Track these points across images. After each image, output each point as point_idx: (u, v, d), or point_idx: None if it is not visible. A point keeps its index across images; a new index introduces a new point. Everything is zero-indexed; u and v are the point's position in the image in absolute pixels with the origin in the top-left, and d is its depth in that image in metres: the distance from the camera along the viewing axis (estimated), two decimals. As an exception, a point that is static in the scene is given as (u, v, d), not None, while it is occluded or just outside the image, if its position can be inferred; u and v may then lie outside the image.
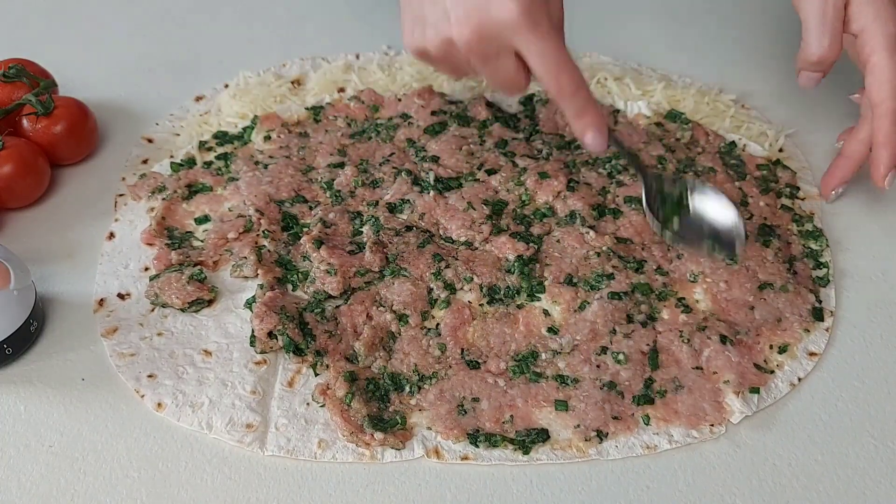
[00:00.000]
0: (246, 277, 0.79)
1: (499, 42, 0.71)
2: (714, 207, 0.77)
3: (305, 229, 0.82)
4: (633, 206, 0.83)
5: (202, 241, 0.83)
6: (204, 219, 0.84)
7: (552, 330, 0.75)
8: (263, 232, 0.81)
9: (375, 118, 0.94)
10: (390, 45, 1.05)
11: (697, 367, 0.73)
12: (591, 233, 0.80)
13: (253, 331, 0.73)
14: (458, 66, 0.75)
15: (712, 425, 0.70)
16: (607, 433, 0.69)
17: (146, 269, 0.81)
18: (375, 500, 0.66)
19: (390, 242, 0.80)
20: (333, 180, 0.86)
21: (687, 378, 0.73)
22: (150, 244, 0.82)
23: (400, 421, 0.70)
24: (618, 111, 0.95)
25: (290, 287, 0.78)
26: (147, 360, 0.74)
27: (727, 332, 0.74)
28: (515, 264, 0.78)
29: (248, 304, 0.77)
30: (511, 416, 0.70)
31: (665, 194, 0.79)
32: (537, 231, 0.82)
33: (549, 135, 0.92)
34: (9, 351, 0.72)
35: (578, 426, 0.70)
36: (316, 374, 0.73)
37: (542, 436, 0.69)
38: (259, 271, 0.78)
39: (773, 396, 0.72)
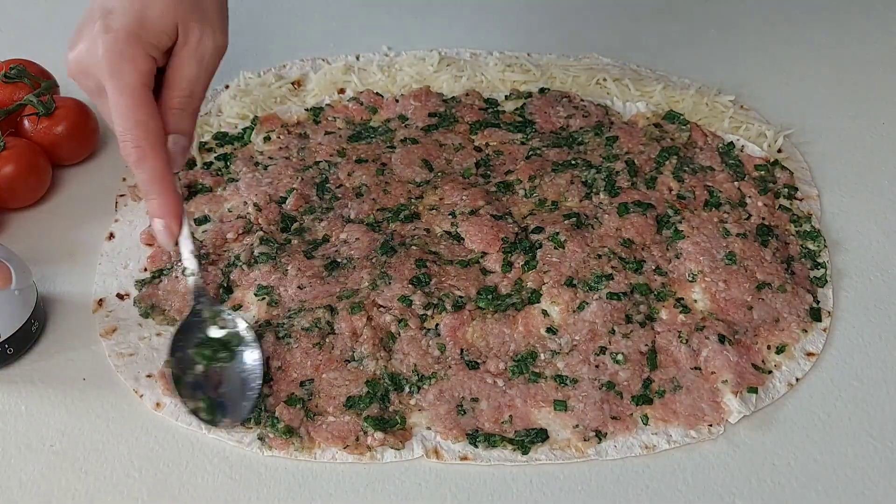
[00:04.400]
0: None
1: (96, 81, 0.64)
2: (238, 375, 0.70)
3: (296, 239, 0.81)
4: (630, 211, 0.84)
5: (201, 242, 0.83)
6: (203, 219, 0.85)
7: (551, 330, 0.75)
8: (259, 237, 0.81)
9: (373, 119, 0.95)
10: (390, 45, 1.05)
11: (696, 368, 0.73)
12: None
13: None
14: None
15: (711, 425, 0.70)
16: (606, 433, 0.70)
17: (145, 269, 0.81)
18: (375, 500, 0.66)
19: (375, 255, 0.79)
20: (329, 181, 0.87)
21: (685, 378, 0.73)
22: (150, 244, 0.83)
23: (399, 421, 0.70)
24: (608, 110, 0.95)
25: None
26: (146, 359, 0.74)
27: (725, 331, 0.75)
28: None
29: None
30: (510, 416, 0.70)
31: (207, 335, 0.71)
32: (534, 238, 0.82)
33: (546, 133, 0.92)
34: (10, 351, 0.72)
35: (577, 426, 0.70)
36: None
37: (541, 436, 0.69)
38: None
39: (772, 397, 0.73)
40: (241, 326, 0.71)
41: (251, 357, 0.70)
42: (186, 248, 0.70)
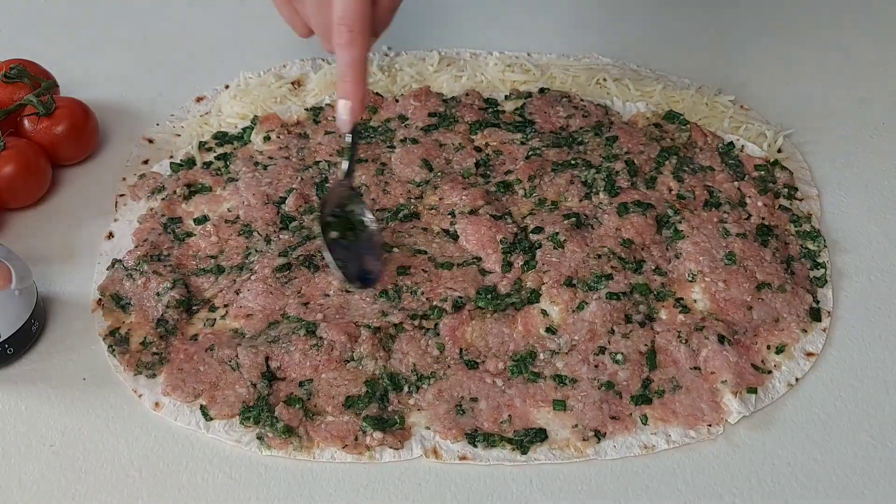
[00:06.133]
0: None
1: None
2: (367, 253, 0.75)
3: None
4: (630, 211, 0.83)
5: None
6: (203, 219, 0.85)
7: (550, 330, 0.75)
8: (263, 236, 0.81)
9: (373, 119, 0.95)
10: (390, 45, 1.05)
11: (695, 368, 0.73)
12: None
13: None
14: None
15: (710, 425, 0.70)
16: (605, 433, 0.70)
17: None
18: (374, 499, 0.66)
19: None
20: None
21: (685, 378, 0.73)
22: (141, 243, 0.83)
23: (398, 421, 0.70)
24: (608, 110, 0.95)
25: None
26: (146, 359, 0.74)
27: (725, 332, 0.75)
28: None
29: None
30: (509, 415, 0.70)
31: (346, 209, 0.76)
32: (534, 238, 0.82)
33: (546, 133, 0.92)
34: (10, 351, 0.73)
35: (576, 426, 0.70)
36: None
37: (541, 436, 0.69)
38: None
39: (771, 397, 0.73)
40: (368, 217, 0.76)
41: (374, 237, 0.76)
42: (353, 134, 0.74)
